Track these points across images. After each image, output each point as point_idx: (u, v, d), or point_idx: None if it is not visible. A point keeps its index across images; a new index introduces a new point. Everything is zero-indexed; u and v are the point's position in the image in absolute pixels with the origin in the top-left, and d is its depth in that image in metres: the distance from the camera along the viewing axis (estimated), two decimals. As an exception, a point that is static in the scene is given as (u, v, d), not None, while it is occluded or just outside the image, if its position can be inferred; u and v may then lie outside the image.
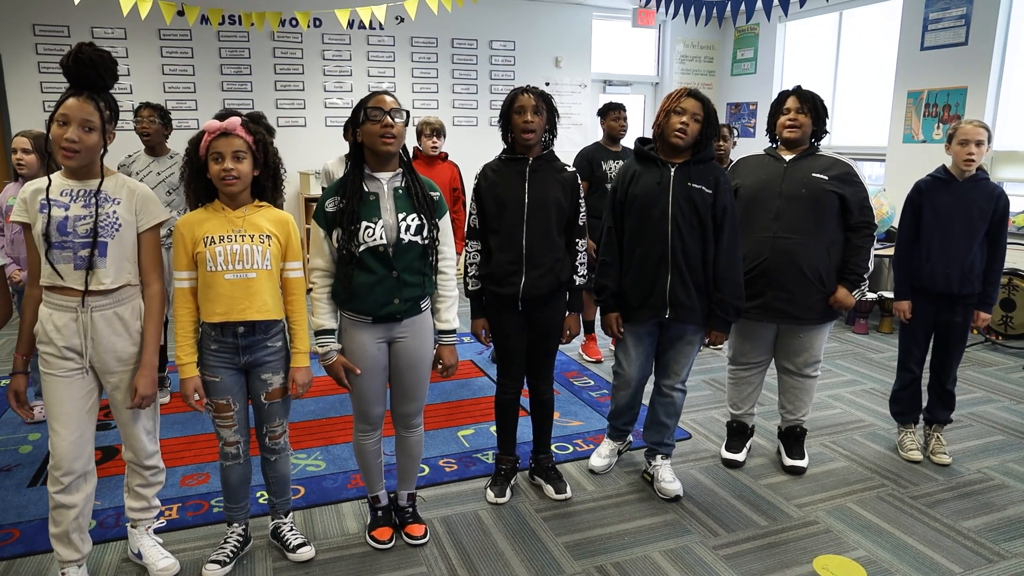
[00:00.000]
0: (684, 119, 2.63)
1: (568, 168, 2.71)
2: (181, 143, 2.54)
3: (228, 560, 2.39)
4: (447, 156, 4.37)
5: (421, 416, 2.54)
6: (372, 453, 2.51)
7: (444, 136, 4.25)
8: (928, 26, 5.77)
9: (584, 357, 4.75)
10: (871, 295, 5.40)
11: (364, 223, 2.22)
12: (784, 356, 3.12)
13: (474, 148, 6.35)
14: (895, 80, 6.10)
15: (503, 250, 2.64)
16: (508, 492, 2.89)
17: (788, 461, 3.14)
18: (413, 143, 4.27)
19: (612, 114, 4.45)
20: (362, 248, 2.23)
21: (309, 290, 2.31)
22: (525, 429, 3.09)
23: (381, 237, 2.23)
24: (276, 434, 2.39)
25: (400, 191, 2.30)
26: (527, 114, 2.57)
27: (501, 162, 2.70)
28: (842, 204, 2.88)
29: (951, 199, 3.05)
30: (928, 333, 3.23)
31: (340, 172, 3.92)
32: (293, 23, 6.40)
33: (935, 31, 5.72)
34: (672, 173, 2.67)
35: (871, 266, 2.94)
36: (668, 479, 2.91)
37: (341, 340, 2.35)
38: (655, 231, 2.67)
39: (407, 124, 2.29)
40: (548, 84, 7.42)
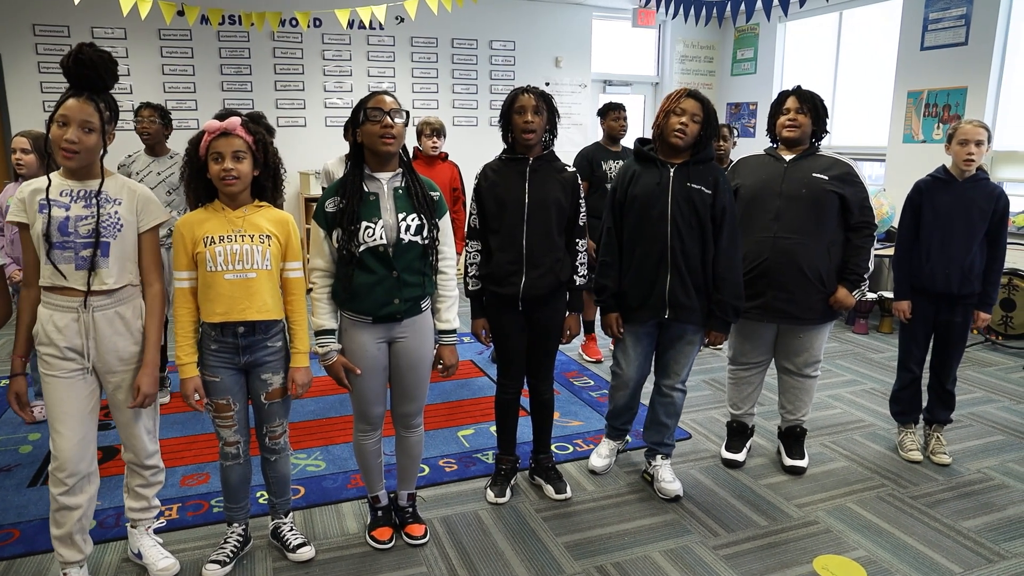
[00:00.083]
0: (683, 119, 2.63)
1: (568, 168, 2.71)
2: (181, 143, 2.54)
3: (228, 560, 2.39)
4: (447, 156, 4.37)
5: (421, 416, 2.54)
6: (372, 453, 2.51)
7: (444, 136, 4.25)
8: (928, 26, 5.77)
9: (584, 357, 4.75)
10: (871, 295, 5.40)
11: (364, 223, 2.22)
12: (784, 356, 3.12)
13: (474, 148, 6.34)
14: (895, 80, 6.10)
15: (503, 250, 2.64)
16: (508, 492, 2.89)
17: (788, 461, 3.14)
18: (413, 143, 4.27)
19: (612, 114, 4.45)
20: (362, 248, 2.23)
21: (309, 290, 2.31)
22: (525, 429, 3.09)
23: (381, 237, 2.23)
24: (276, 434, 2.39)
25: (400, 191, 2.30)
26: (527, 114, 2.57)
27: (501, 162, 2.70)
28: (842, 204, 2.88)
29: (951, 199, 3.05)
30: (928, 333, 3.23)
31: (340, 172, 3.92)
32: (293, 23, 6.39)
33: (935, 31, 5.72)
34: (671, 173, 2.67)
35: (871, 266, 2.94)
36: (668, 479, 2.91)
37: (341, 340, 2.35)
38: (654, 231, 2.67)
39: (407, 124, 2.29)
40: (548, 84, 7.42)
